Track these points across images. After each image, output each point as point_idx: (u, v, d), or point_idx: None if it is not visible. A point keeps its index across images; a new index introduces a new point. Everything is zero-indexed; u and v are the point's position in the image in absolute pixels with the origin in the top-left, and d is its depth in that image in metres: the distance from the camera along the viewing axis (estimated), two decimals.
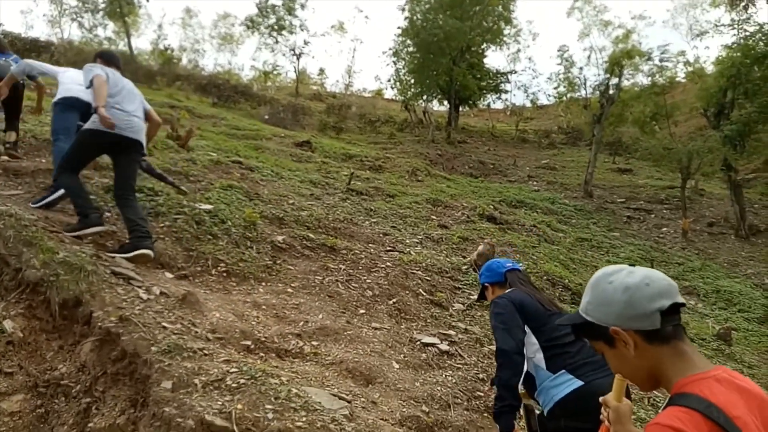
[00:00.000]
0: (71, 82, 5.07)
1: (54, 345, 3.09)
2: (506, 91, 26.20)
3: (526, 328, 2.40)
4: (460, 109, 24.76)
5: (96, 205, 4.49)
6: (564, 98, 22.52)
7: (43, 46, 20.14)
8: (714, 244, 12.71)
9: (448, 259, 6.69)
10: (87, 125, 4.19)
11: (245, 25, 27.20)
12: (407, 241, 7.38)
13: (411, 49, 22.74)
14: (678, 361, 1.31)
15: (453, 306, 5.15)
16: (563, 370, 2.26)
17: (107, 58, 4.48)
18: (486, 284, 2.77)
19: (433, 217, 9.53)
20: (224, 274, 4.55)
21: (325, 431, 2.29)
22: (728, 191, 13.85)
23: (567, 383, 2.22)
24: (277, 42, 27.25)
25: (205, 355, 2.81)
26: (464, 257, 6.94)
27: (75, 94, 4.98)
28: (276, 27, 26.15)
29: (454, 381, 3.60)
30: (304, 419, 2.33)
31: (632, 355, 1.36)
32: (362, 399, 2.97)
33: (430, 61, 21.22)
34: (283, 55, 28.57)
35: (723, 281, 10.00)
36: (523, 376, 2.33)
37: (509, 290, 2.59)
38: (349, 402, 2.76)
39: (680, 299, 1.37)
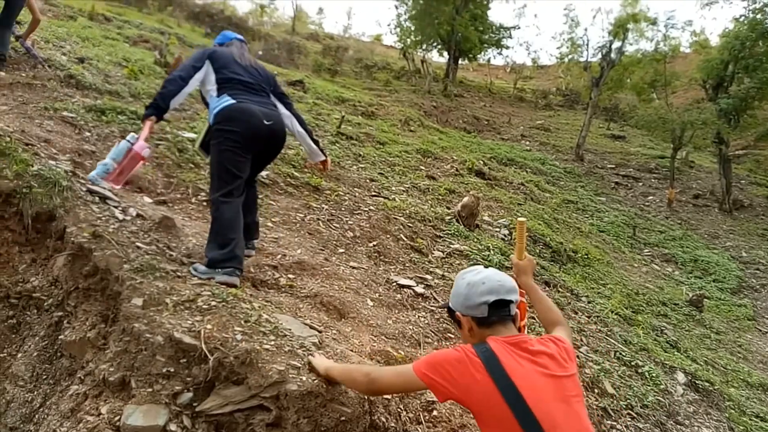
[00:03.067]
0: None
1: (26, 258, 3.05)
2: (508, 47, 25.68)
3: (210, 69, 3.15)
4: (460, 61, 24.22)
5: None
6: (566, 59, 22.11)
7: None
8: (697, 215, 12.86)
9: (432, 209, 6.68)
10: None
11: None
12: (393, 189, 7.34)
13: None
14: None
15: (433, 253, 5.17)
16: (225, 95, 3.07)
17: None
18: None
19: (422, 167, 9.46)
20: (204, 204, 4.49)
21: (292, 355, 2.31)
22: (717, 165, 13.90)
23: (224, 101, 3.06)
24: None
25: (178, 277, 2.80)
26: (449, 208, 6.94)
27: None
28: None
29: (426, 322, 3.65)
30: (272, 343, 2.35)
31: (467, 334, 1.83)
32: (334, 331, 2.99)
33: (433, 8, 20.60)
34: None
35: (702, 251, 10.18)
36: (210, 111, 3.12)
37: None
38: (319, 332, 2.79)
39: (508, 297, 1.77)
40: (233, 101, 3.04)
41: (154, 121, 3.07)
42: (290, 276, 3.63)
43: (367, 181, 7.27)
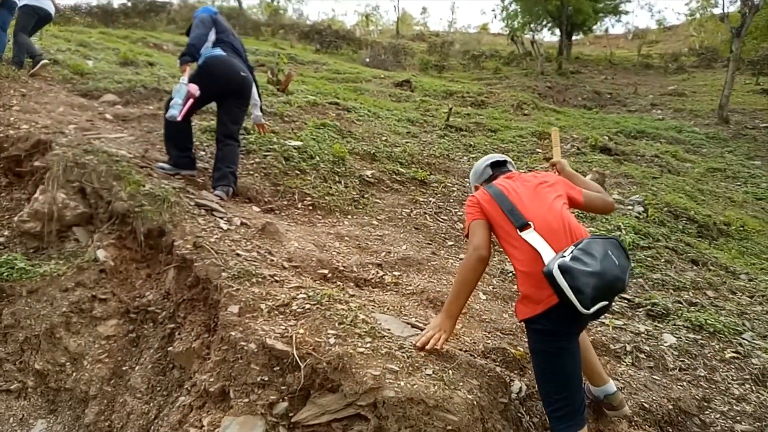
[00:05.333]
0: None
1: (142, 273, 3.19)
2: (626, 12, 23.51)
3: (213, 30, 4.13)
4: (573, 36, 22.68)
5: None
6: (697, 14, 19.70)
7: (160, 5, 21.35)
8: None
9: None
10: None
11: None
12: None
13: None
14: None
15: None
16: (219, 48, 4.10)
17: None
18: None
19: (539, 150, 8.85)
20: (310, 208, 4.49)
21: (390, 358, 2.10)
22: None
23: (217, 51, 4.08)
24: None
25: (276, 281, 2.73)
26: None
27: None
28: None
29: None
30: (368, 345, 2.16)
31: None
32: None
33: None
34: None
35: None
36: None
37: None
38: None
39: (502, 158, 2.57)
40: (224, 54, 4.11)
41: (189, 65, 4.06)
42: (395, 273, 3.44)
43: None
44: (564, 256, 1.89)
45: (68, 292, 2.96)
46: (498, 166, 2.53)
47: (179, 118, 3.92)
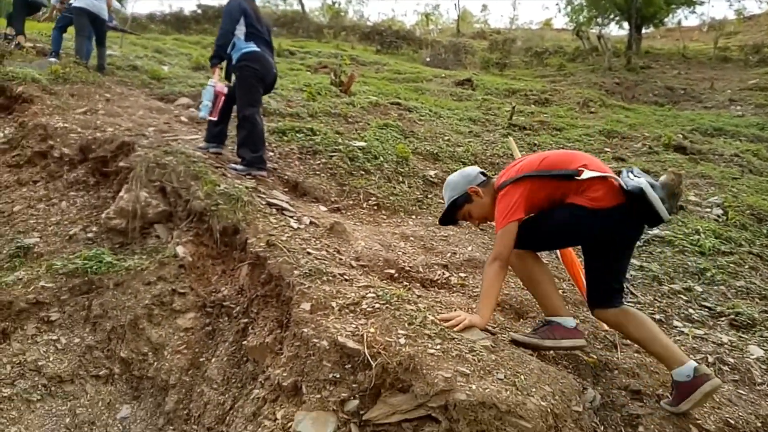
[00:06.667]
0: None
1: (218, 269, 3.33)
2: (702, 3, 22.21)
3: (243, 21, 4.24)
4: (644, 30, 21.68)
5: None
6: None
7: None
8: None
9: None
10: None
11: None
12: None
13: None
14: None
15: None
16: (252, 43, 4.27)
17: None
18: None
19: (607, 149, 8.54)
20: (375, 207, 4.53)
21: (461, 360, 2.10)
22: None
23: (251, 46, 4.26)
24: None
25: (345, 280, 2.78)
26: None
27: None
28: None
29: None
30: (438, 347, 2.16)
31: (481, 199, 2.67)
32: (512, 332, 2.70)
33: None
34: None
35: None
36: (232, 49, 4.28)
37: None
38: (493, 334, 2.53)
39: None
40: (257, 49, 4.28)
41: (218, 66, 4.40)
42: (461, 275, 3.42)
43: None
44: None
45: (150, 286, 3.13)
46: (486, 175, 2.72)
47: (210, 118, 4.35)
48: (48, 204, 4.17)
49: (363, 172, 5.13)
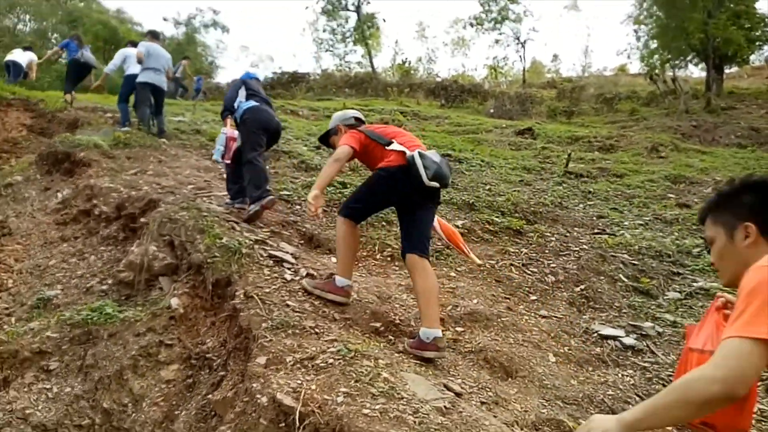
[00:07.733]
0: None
1: (208, 321, 3.34)
2: None
3: (243, 89, 4.85)
4: (727, 70, 20.48)
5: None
6: None
7: (300, 76, 23.57)
8: None
9: (676, 242, 5.42)
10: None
11: (470, 24, 27.34)
12: (626, 224, 6.24)
13: (653, 9, 19.75)
14: None
15: (665, 294, 4.08)
16: (252, 101, 4.76)
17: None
18: None
19: (671, 195, 7.93)
20: (388, 258, 4.43)
21: (398, 422, 1.91)
22: None
23: (251, 103, 4.73)
24: (501, 34, 26.65)
25: (314, 333, 2.68)
26: (703, 238, 5.53)
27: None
28: (499, 18, 25.61)
29: (632, 382, 2.77)
30: (377, 406, 1.99)
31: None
32: (488, 393, 2.46)
33: (678, 19, 18.04)
34: (507, 45, 27.66)
35: None
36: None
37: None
38: (458, 395, 2.30)
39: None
40: (257, 104, 4.76)
41: (228, 117, 4.89)
42: (458, 329, 3.21)
43: (593, 218, 6.37)
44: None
45: (139, 337, 3.18)
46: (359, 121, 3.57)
47: (223, 160, 4.86)
48: (80, 258, 4.44)
49: (385, 223, 5.06)
